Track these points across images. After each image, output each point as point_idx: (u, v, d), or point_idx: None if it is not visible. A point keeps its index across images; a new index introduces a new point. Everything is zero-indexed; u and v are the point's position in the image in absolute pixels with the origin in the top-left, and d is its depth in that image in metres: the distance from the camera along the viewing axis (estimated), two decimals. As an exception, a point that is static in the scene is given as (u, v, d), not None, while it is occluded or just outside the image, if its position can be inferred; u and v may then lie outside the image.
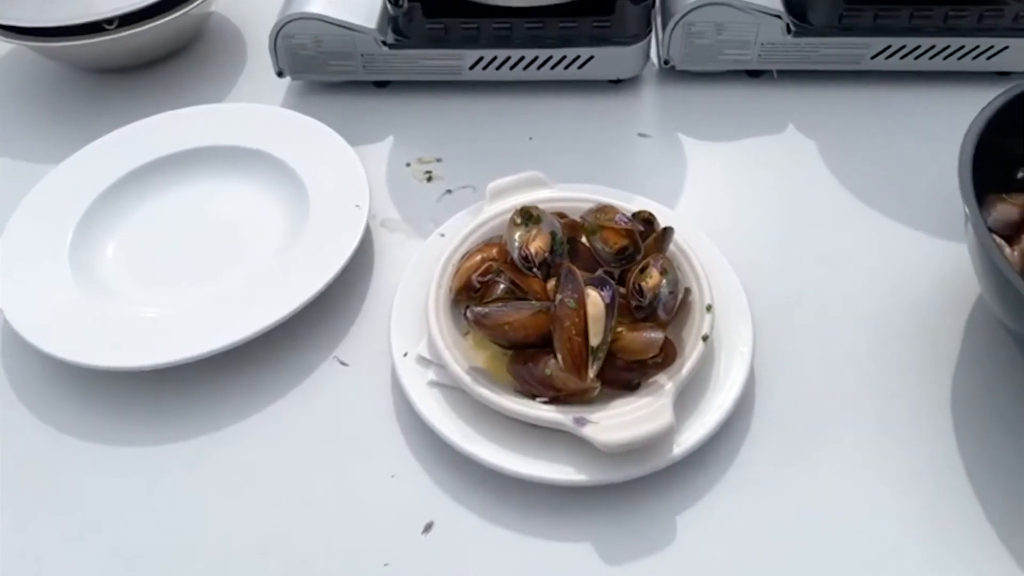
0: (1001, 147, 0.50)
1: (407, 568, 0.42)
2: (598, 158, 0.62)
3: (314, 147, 0.60)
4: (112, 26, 0.65)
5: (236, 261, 0.55)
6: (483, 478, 0.45)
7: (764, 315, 0.51)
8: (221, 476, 0.46)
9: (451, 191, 0.60)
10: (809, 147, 0.63)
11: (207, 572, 0.43)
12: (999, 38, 0.64)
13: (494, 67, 0.65)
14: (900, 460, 0.45)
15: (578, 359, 0.44)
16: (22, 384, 0.51)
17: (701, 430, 0.44)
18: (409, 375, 0.47)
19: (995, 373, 0.49)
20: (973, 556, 0.42)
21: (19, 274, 0.52)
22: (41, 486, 0.46)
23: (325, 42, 0.64)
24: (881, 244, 0.56)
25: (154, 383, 0.50)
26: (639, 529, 0.43)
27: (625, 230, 0.49)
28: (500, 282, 0.48)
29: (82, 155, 0.60)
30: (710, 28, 0.64)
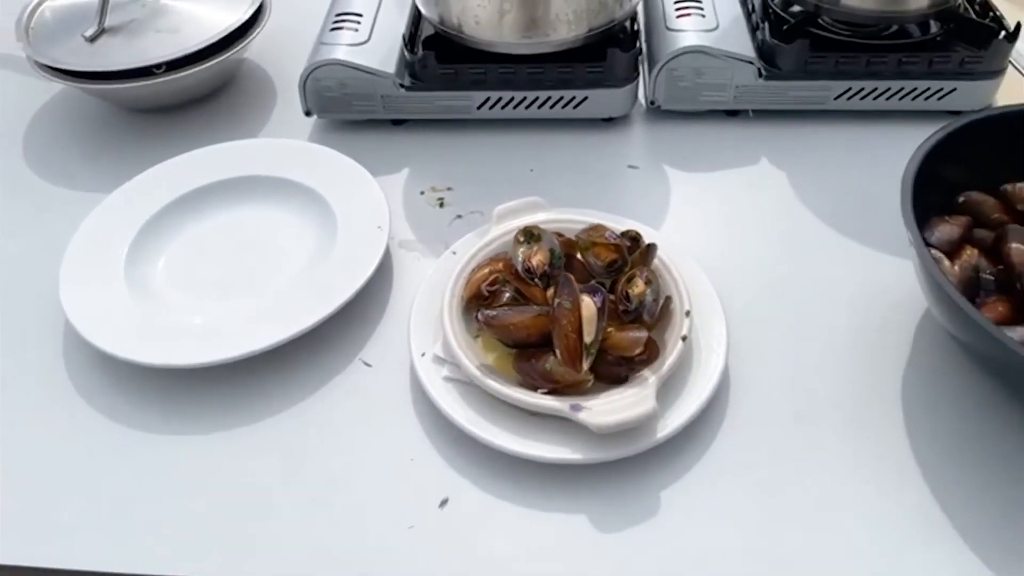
0: (942, 176, 0.58)
1: (428, 532, 0.49)
2: (592, 186, 0.70)
3: (339, 177, 0.68)
4: (160, 71, 0.73)
5: (272, 275, 0.62)
6: (491, 459, 0.51)
7: (737, 320, 0.57)
8: (263, 461, 0.53)
9: (461, 216, 0.68)
10: (780, 177, 0.70)
11: (258, 535, 0.49)
12: (947, 81, 0.71)
13: (499, 107, 0.73)
14: (855, 445, 0.52)
15: (574, 354, 0.51)
16: (82, 379, 0.58)
17: (681, 417, 0.51)
18: (427, 372, 0.54)
19: (939, 369, 0.56)
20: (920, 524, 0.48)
21: (81, 285, 0.59)
22: (90, 467, 0.53)
23: (349, 85, 0.72)
24: (841, 260, 0.63)
25: (198, 380, 0.56)
26: (627, 503, 0.50)
27: (614, 246, 0.56)
28: (506, 291, 0.55)
29: (133, 184, 0.67)
30: (690, 73, 0.72)
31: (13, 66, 0.82)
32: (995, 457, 0.51)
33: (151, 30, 0.76)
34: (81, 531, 0.50)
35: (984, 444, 0.52)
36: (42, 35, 0.76)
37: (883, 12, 0.71)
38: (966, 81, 0.71)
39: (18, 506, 0.51)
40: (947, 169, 0.58)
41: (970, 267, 0.56)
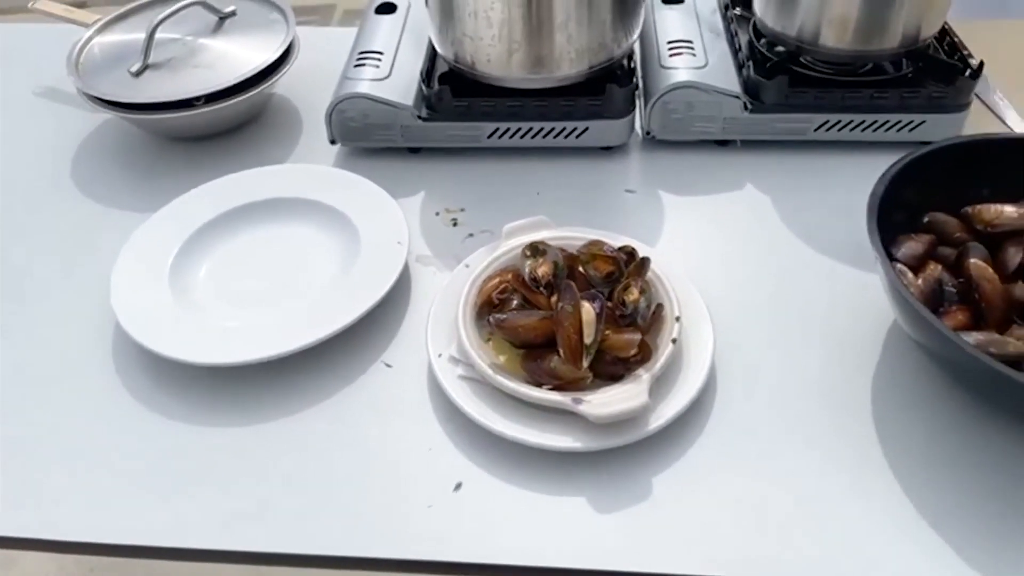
0: (909, 199, 0.64)
1: (444, 511, 0.55)
2: (592, 208, 0.76)
3: (362, 198, 0.74)
4: (199, 103, 0.80)
5: (302, 285, 0.68)
6: (500, 448, 0.57)
7: (723, 327, 0.63)
8: (295, 449, 0.59)
9: (472, 235, 0.74)
10: (764, 200, 0.77)
11: (290, 516, 0.55)
12: (917, 114, 0.78)
13: (508, 136, 0.80)
14: (829, 439, 0.58)
15: (575, 353, 0.57)
16: (129, 375, 0.64)
17: (671, 411, 0.57)
18: (443, 371, 0.60)
19: (905, 372, 0.62)
20: (888, 510, 0.54)
21: (130, 292, 0.66)
22: (135, 453, 0.59)
23: (371, 116, 0.79)
24: (818, 275, 0.69)
25: (236, 378, 0.62)
26: (623, 487, 0.56)
27: (612, 259, 0.62)
28: (514, 298, 0.62)
29: (175, 204, 0.74)
30: (682, 106, 0.79)
31: (63, 99, 0.90)
32: (957, 452, 0.57)
33: (190, 66, 0.83)
34: (130, 509, 0.56)
35: (946, 440, 0.58)
36: (90, 69, 0.83)
37: (857, 51, 0.78)
38: (934, 114, 0.78)
39: (76, 486, 0.57)
40: (913, 192, 0.64)
41: (934, 280, 0.62)
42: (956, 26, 0.83)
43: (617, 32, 0.77)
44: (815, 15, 0.76)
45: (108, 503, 0.56)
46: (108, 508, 0.56)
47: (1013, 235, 0.64)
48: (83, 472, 0.58)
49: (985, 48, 0.81)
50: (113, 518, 0.55)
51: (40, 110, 0.91)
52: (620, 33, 0.77)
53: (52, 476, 0.58)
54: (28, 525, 0.55)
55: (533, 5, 0.71)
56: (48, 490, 0.57)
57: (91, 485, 0.57)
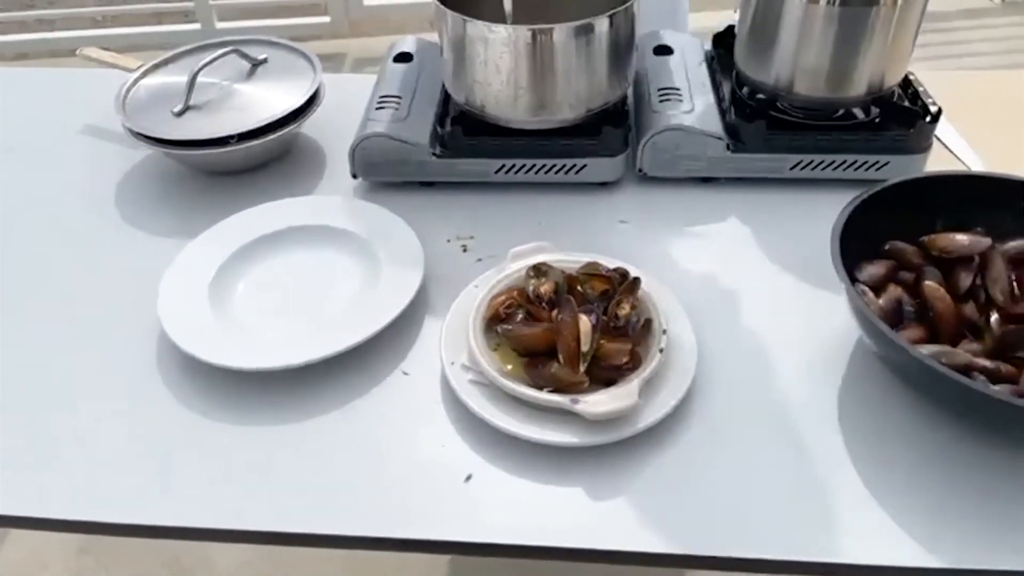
0: (869, 229, 0.72)
1: (456, 499, 0.61)
2: (589, 237, 0.84)
3: (381, 226, 0.82)
4: (233, 141, 0.88)
5: (327, 302, 0.76)
6: (506, 444, 0.64)
7: (705, 341, 0.71)
8: (322, 446, 0.66)
9: (481, 259, 0.82)
10: (745, 231, 0.85)
11: (318, 500, 0.62)
12: (882, 155, 0.86)
13: (514, 172, 0.88)
14: (799, 438, 0.65)
15: (573, 359, 0.64)
16: (171, 378, 0.71)
17: (659, 412, 0.64)
18: (455, 377, 0.68)
19: (868, 381, 0.69)
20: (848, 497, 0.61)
21: (175, 306, 0.73)
22: (175, 447, 0.66)
23: (391, 153, 0.87)
24: (793, 297, 0.77)
25: (267, 382, 0.70)
26: (615, 478, 0.63)
27: (607, 278, 0.70)
28: (519, 313, 0.69)
29: (214, 230, 0.82)
30: (671, 146, 0.87)
31: (108, 137, 0.98)
32: (912, 448, 0.64)
33: (226, 108, 0.92)
34: (172, 496, 0.63)
35: (902, 438, 0.65)
36: (136, 109, 0.92)
37: (828, 99, 0.87)
38: (898, 155, 0.86)
39: (122, 475, 0.64)
40: (874, 223, 0.72)
41: (894, 299, 0.70)
42: (927, 76, 0.92)
43: (612, 80, 0.86)
44: (789, 66, 0.85)
45: (148, 487, 0.63)
46: (144, 494, 0.63)
47: (964, 261, 0.71)
48: (125, 461, 0.65)
49: (952, 96, 0.90)
50: (147, 500, 0.62)
51: (88, 147, 1.00)
52: (615, 81, 0.86)
53: (98, 459, 0.65)
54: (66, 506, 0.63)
55: (537, 56, 0.80)
56: (91, 472, 0.64)
57: (134, 472, 0.64)
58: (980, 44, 2.91)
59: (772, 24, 0.84)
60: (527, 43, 0.80)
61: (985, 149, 0.92)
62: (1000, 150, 0.92)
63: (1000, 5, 3.09)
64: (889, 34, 0.82)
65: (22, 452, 0.66)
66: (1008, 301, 0.69)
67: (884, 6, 0.80)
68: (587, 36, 0.81)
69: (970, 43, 2.92)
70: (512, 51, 0.80)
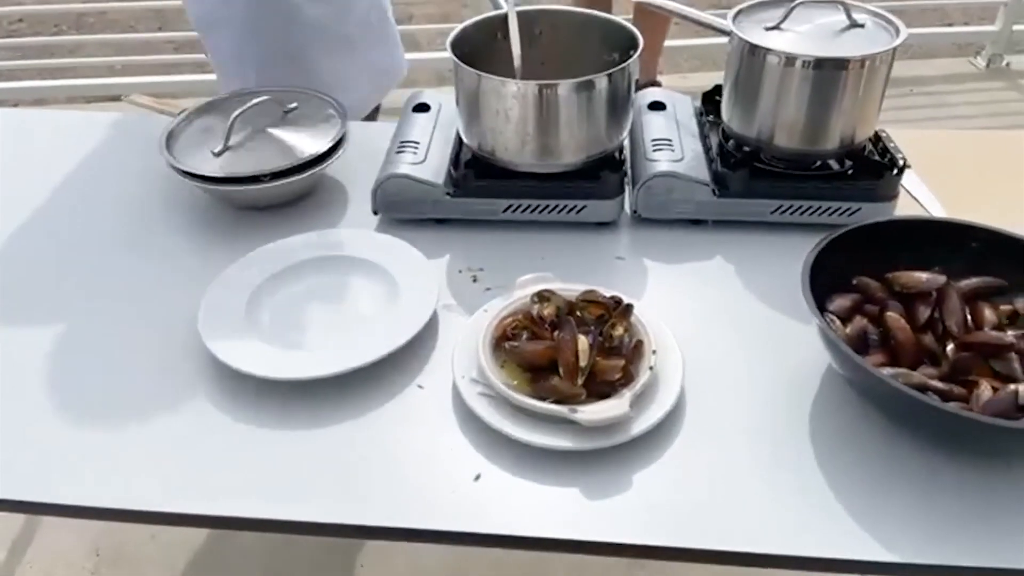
0: (840, 265, 0.81)
1: (466, 496, 0.69)
2: (588, 272, 0.92)
3: (399, 257, 0.91)
4: (266, 179, 0.97)
5: (351, 323, 0.85)
6: (511, 449, 0.72)
7: (692, 362, 0.78)
8: (344, 449, 0.73)
9: (490, 288, 0.90)
10: (729, 268, 0.93)
11: (345, 499, 0.69)
12: (854, 202, 0.95)
13: (520, 211, 0.97)
14: (774, 450, 0.73)
15: (572, 373, 0.72)
16: (213, 389, 0.79)
17: (649, 421, 0.72)
18: (466, 389, 0.75)
19: (837, 400, 0.77)
20: (815, 502, 0.68)
21: (214, 324, 0.82)
22: (215, 447, 0.73)
23: (409, 192, 0.97)
24: (770, 324, 0.85)
25: (296, 392, 0.77)
26: (609, 480, 0.70)
27: (603, 304, 0.78)
28: (524, 333, 0.78)
29: (249, 257, 0.91)
30: (663, 191, 0.96)
31: (151, 175, 1.07)
32: (874, 461, 0.71)
33: (260, 150, 1.01)
34: (209, 489, 0.70)
35: (866, 451, 0.72)
36: (178, 149, 1.02)
37: (804, 151, 0.96)
38: (868, 203, 0.95)
39: (167, 472, 0.71)
40: (844, 261, 0.81)
41: (860, 328, 0.78)
42: (907, 134, 1.01)
43: (610, 130, 0.95)
44: (770, 122, 0.95)
45: (184, 483, 0.71)
46: (186, 487, 0.70)
47: (923, 295, 0.80)
48: (170, 460, 0.72)
49: (927, 152, 0.99)
50: (187, 492, 0.70)
51: (134, 183, 1.09)
52: (612, 131, 0.96)
53: (137, 454, 0.73)
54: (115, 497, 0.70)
55: (544, 108, 0.90)
56: (132, 465, 0.72)
57: (179, 469, 0.72)
58: (964, 108, 3.04)
59: (754, 84, 0.94)
60: (534, 96, 0.90)
61: (952, 198, 1.01)
62: (965, 199, 1.01)
63: (984, 70, 3.23)
64: (858, 95, 0.92)
65: (71, 450, 0.74)
66: (962, 332, 0.77)
67: (853, 70, 0.90)
68: (588, 91, 0.91)
69: (954, 106, 3.05)
70: (521, 103, 0.90)
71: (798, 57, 0.90)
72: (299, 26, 1.25)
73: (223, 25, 1.26)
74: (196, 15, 1.30)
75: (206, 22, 1.30)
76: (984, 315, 0.79)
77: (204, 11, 1.29)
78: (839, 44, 0.92)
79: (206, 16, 1.29)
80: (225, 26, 1.26)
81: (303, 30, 1.26)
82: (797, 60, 0.91)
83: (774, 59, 0.92)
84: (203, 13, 1.29)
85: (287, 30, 1.25)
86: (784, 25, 0.94)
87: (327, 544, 1.53)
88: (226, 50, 1.29)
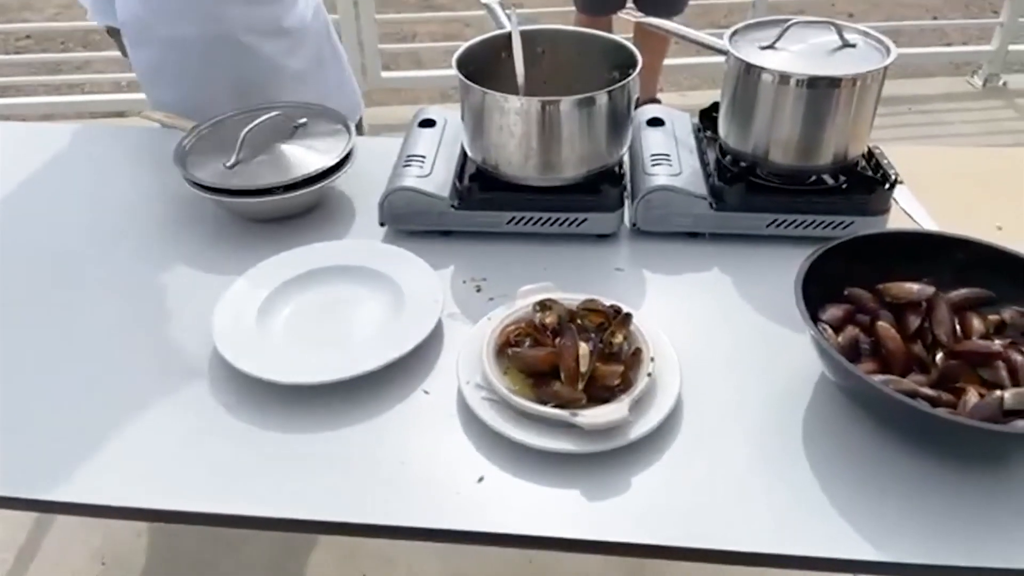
0: (833, 276, 0.84)
1: (470, 497, 0.71)
2: (588, 283, 0.94)
3: (406, 267, 0.94)
4: (278, 192, 1.00)
5: (359, 330, 0.87)
6: (514, 451, 0.74)
7: (689, 369, 0.81)
8: (353, 451, 0.76)
9: (493, 298, 0.93)
10: (726, 279, 0.96)
11: (354, 500, 0.71)
12: (847, 216, 0.98)
13: (522, 223, 1.00)
14: (768, 453, 0.75)
15: (573, 378, 0.75)
16: (226, 394, 0.81)
17: (647, 426, 0.74)
18: (470, 394, 0.78)
19: (828, 406, 0.79)
20: (805, 501, 0.71)
21: (227, 331, 0.84)
22: (225, 447, 0.76)
23: (415, 204, 1.00)
24: (765, 334, 0.88)
25: (305, 396, 0.80)
26: (608, 482, 0.72)
27: (603, 312, 0.81)
28: (527, 340, 0.80)
29: (260, 267, 0.93)
30: (662, 204, 0.99)
31: (165, 187, 1.10)
32: (865, 465, 0.74)
33: (271, 164, 1.04)
34: (222, 490, 0.72)
35: (857, 456, 0.75)
36: (192, 163, 1.05)
37: (799, 167, 0.99)
38: (861, 216, 0.98)
39: (182, 471, 0.74)
40: (837, 272, 0.84)
41: (852, 338, 0.81)
42: (896, 150, 1.04)
43: (610, 146, 0.98)
44: (765, 138, 0.98)
45: (202, 482, 0.73)
46: (201, 486, 0.73)
47: (913, 306, 0.82)
48: (182, 459, 0.75)
49: (918, 168, 1.02)
50: (202, 493, 0.72)
51: (148, 196, 1.12)
52: (612, 146, 0.99)
53: (150, 454, 0.76)
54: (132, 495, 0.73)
55: (546, 123, 0.93)
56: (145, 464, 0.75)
57: (186, 465, 0.74)
58: (961, 125, 3.08)
59: (750, 102, 0.98)
60: (537, 112, 0.93)
61: (947, 213, 1.03)
62: (960, 213, 1.03)
63: (981, 89, 3.27)
64: (850, 112, 0.95)
65: (95, 451, 0.76)
66: (951, 341, 0.80)
67: (845, 89, 0.93)
68: (589, 107, 0.94)
69: (952, 124, 3.09)
70: (524, 119, 0.93)
71: (792, 76, 0.94)
72: (253, 64, 1.27)
73: (173, 69, 1.27)
74: (142, 65, 1.30)
75: (153, 69, 1.30)
76: (972, 325, 0.81)
77: (151, 59, 1.28)
78: (832, 63, 0.95)
79: (154, 63, 1.29)
80: (175, 71, 1.27)
81: (258, 67, 1.28)
82: (791, 79, 0.94)
83: (769, 78, 0.95)
84: (151, 61, 1.29)
85: (239, 69, 1.27)
86: (778, 45, 0.98)
87: (332, 556, 1.55)
88: (171, 96, 1.29)
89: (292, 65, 1.31)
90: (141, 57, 1.30)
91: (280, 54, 1.30)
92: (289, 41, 1.30)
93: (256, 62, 1.28)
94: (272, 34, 1.28)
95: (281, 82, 1.30)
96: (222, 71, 1.27)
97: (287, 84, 1.30)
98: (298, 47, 1.32)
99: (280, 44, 1.29)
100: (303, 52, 1.33)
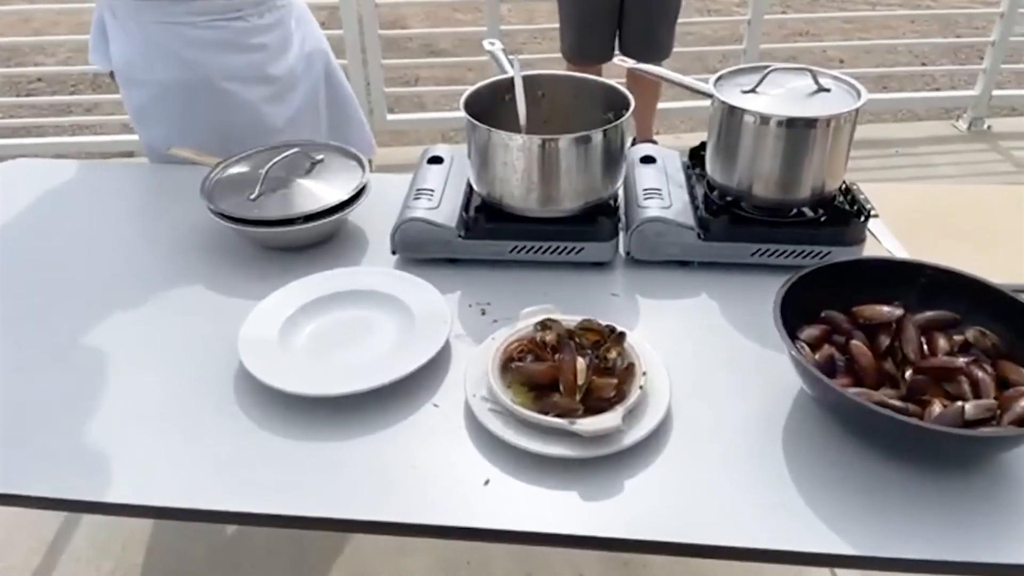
0: (809, 299, 0.91)
1: (476, 499, 0.78)
2: (585, 307, 1.01)
3: (415, 291, 1.01)
4: (298, 223, 1.08)
5: (372, 348, 0.94)
6: (517, 457, 0.81)
7: (679, 384, 0.87)
8: (367, 459, 0.82)
9: (496, 320, 1.00)
10: (713, 304, 1.03)
11: (369, 502, 0.78)
12: (825, 246, 1.06)
13: (525, 252, 1.08)
14: (750, 461, 0.81)
15: (572, 389, 0.82)
16: (251, 405, 0.88)
17: (639, 434, 0.81)
18: (477, 406, 0.85)
19: (806, 417, 0.86)
20: (785, 505, 0.77)
21: (252, 349, 0.91)
22: (247, 454, 0.82)
23: (424, 234, 1.07)
24: (749, 353, 0.94)
25: (323, 408, 0.87)
26: (603, 485, 0.79)
27: (599, 331, 0.88)
28: (529, 356, 0.87)
29: (282, 291, 1.01)
30: (653, 234, 1.07)
31: (191, 219, 1.18)
32: (839, 469, 0.80)
33: (291, 197, 1.12)
34: (246, 492, 0.79)
35: (832, 462, 0.81)
36: (217, 196, 1.13)
37: (779, 200, 1.07)
38: (837, 246, 1.06)
39: (206, 474, 0.81)
40: (814, 296, 0.91)
41: (828, 355, 0.88)
42: (881, 188, 1.12)
43: (605, 180, 1.07)
44: (748, 174, 1.06)
45: (229, 485, 0.80)
46: (225, 489, 0.79)
47: (884, 326, 0.90)
48: (205, 463, 0.82)
49: (890, 202, 1.10)
50: (228, 494, 0.79)
51: (176, 227, 1.20)
52: (607, 181, 1.07)
53: (189, 465, 0.82)
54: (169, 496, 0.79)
55: (546, 159, 1.02)
56: (173, 465, 0.81)
57: (215, 472, 0.81)
58: (947, 167, 3.18)
59: (734, 141, 1.06)
60: (538, 149, 1.01)
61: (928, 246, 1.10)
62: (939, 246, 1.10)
63: (966, 132, 3.38)
64: (826, 150, 1.03)
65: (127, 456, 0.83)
66: (918, 358, 0.87)
67: (820, 129, 1.02)
68: (586, 145, 1.02)
69: (938, 166, 3.19)
70: (526, 155, 1.02)
71: (772, 117, 1.02)
72: (234, 109, 1.34)
73: (158, 111, 1.36)
74: (132, 107, 1.39)
75: (140, 111, 1.39)
76: (938, 344, 0.88)
77: (139, 101, 1.37)
78: (808, 106, 1.04)
79: (142, 105, 1.38)
80: (160, 113, 1.36)
81: (240, 112, 1.34)
82: (771, 120, 1.02)
83: (751, 119, 1.03)
84: (140, 103, 1.38)
85: (220, 113, 1.34)
86: (759, 89, 1.06)
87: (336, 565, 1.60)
88: (158, 137, 1.38)
89: (279, 111, 1.38)
90: (131, 99, 1.39)
91: (264, 101, 1.36)
92: (275, 87, 1.37)
93: (238, 107, 1.34)
94: (256, 81, 1.35)
95: (268, 127, 1.36)
96: (203, 115, 1.34)
97: (275, 129, 1.36)
98: (287, 93, 1.39)
99: (264, 91, 1.36)
100: (293, 98, 1.40)
